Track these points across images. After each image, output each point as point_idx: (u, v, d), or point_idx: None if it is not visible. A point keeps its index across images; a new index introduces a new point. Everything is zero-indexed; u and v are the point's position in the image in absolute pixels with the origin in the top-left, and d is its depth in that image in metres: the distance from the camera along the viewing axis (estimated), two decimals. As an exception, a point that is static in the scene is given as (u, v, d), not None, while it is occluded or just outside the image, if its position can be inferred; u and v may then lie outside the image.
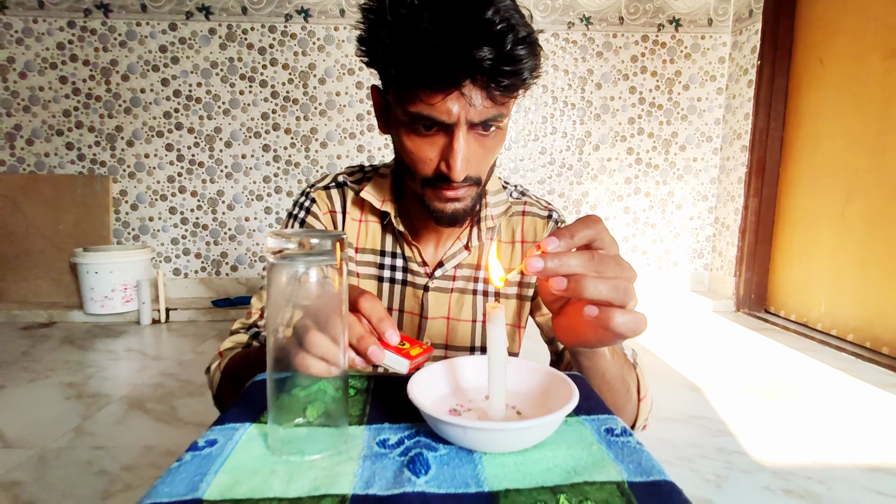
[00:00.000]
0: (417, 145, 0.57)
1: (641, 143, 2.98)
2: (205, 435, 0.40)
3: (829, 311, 2.35)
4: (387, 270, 0.71)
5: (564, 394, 0.41)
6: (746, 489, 1.17)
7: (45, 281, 2.79)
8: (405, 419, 0.43)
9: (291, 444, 0.39)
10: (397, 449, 0.39)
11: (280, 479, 0.35)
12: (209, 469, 0.35)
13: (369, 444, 0.40)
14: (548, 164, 2.98)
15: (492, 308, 0.40)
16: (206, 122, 2.83)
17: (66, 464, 1.25)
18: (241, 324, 0.70)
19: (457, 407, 0.44)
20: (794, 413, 1.56)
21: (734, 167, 2.86)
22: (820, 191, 2.42)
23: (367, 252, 0.71)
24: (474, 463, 0.37)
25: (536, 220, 0.74)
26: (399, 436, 0.41)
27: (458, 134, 0.53)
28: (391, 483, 0.34)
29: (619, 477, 0.35)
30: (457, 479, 0.35)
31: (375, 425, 0.43)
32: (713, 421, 1.51)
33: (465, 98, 0.51)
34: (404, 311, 0.72)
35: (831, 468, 1.26)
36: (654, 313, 2.77)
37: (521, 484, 0.34)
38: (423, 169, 0.58)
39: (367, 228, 0.71)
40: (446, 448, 0.39)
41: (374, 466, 0.36)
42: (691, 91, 2.95)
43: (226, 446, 0.38)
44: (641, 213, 3.04)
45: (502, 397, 0.41)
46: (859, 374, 1.88)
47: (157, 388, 1.72)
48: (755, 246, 2.76)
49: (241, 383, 0.54)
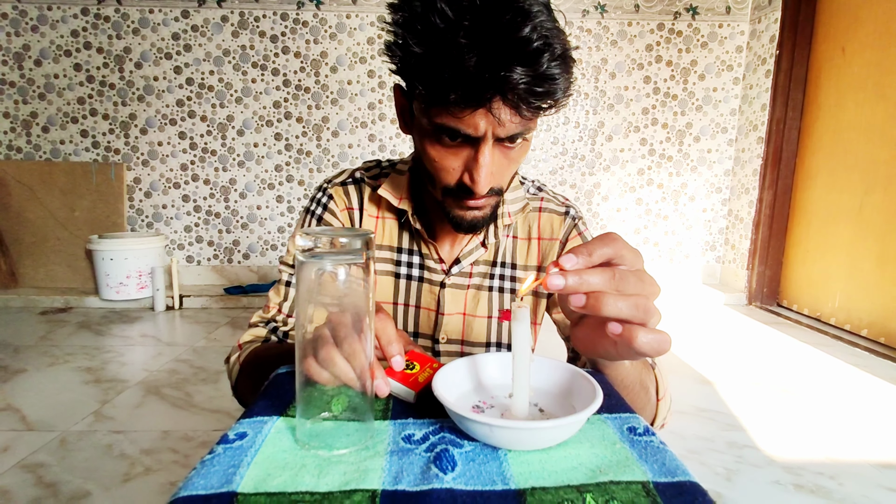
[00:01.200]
0: (441, 155, 0.55)
1: (655, 133, 2.95)
2: (234, 427, 0.41)
3: (843, 305, 2.33)
4: (403, 267, 0.71)
5: (587, 392, 0.42)
6: (757, 483, 1.17)
7: (62, 267, 2.83)
8: (429, 414, 0.44)
9: (319, 438, 0.39)
10: (423, 445, 0.39)
11: (310, 473, 0.35)
12: (241, 462, 0.36)
13: (395, 439, 0.40)
14: (560, 154, 2.95)
15: (517, 307, 0.40)
16: (218, 111, 2.84)
17: (88, 447, 1.29)
18: (260, 317, 0.71)
19: (479, 404, 0.45)
20: (806, 408, 1.56)
21: (749, 159, 2.82)
22: (837, 184, 2.39)
23: (384, 249, 0.71)
24: (499, 460, 0.37)
25: (553, 216, 0.73)
26: (424, 431, 0.41)
27: (484, 148, 0.52)
28: (419, 479, 0.35)
29: (645, 477, 0.35)
30: (483, 477, 0.35)
31: (400, 420, 0.43)
32: (724, 415, 1.51)
33: (493, 115, 0.49)
34: (421, 308, 0.72)
35: (843, 464, 1.25)
36: (665, 306, 2.76)
37: (547, 482, 0.35)
38: (446, 178, 0.57)
39: (384, 225, 0.71)
40: (471, 445, 0.39)
41: (401, 462, 0.37)
42: (707, 81, 2.90)
43: (256, 439, 0.39)
44: (654, 205, 3.02)
45: (526, 395, 0.41)
46: (873, 370, 1.86)
47: (173, 374, 1.75)
48: (769, 239, 2.73)
49: (260, 377, 0.55)
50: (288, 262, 0.70)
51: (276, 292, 0.71)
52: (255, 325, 0.70)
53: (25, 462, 1.22)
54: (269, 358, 0.62)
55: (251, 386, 0.62)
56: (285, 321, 0.70)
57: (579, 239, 0.74)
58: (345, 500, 0.32)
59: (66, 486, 1.13)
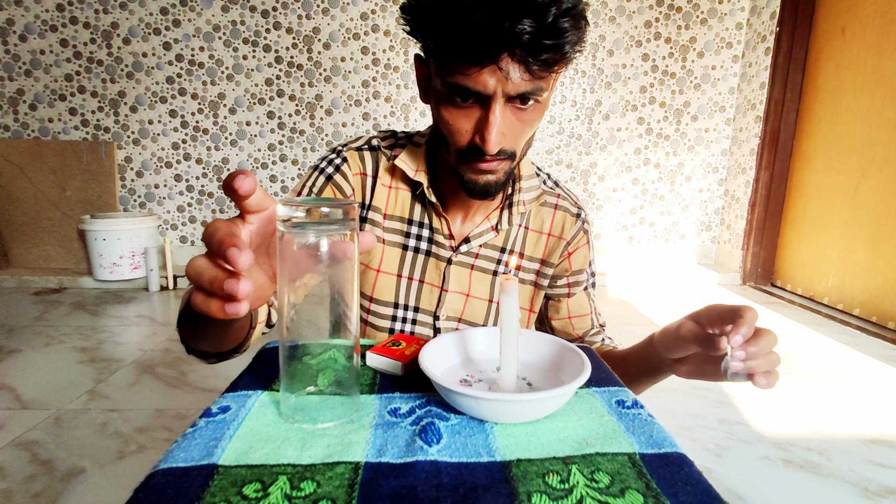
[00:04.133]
0: (454, 116, 0.55)
1: (653, 112, 2.92)
2: (218, 401, 0.41)
3: (836, 285, 2.34)
4: (412, 239, 0.70)
5: (576, 366, 0.41)
6: (746, 459, 1.19)
7: (54, 247, 2.81)
8: (416, 388, 0.44)
9: (304, 412, 0.39)
10: (409, 418, 0.39)
11: (293, 446, 0.35)
12: (223, 435, 0.36)
13: (381, 412, 0.40)
14: (556, 133, 2.92)
15: (505, 279, 0.39)
16: (209, 88, 2.79)
17: (82, 425, 1.29)
18: None
19: (467, 377, 0.44)
20: (797, 385, 1.58)
21: (747, 139, 2.80)
22: (834, 165, 2.38)
23: (394, 219, 0.70)
24: (486, 433, 0.37)
25: (567, 216, 0.73)
26: (410, 405, 0.41)
27: (494, 107, 0.52)
28: (404, 451, 0.34)
29: (631, 448, 0.35)
30: (469, 449, 0.35)
31: (387, 394, 0.43)
32: (715, 392, 1.53)
33: (502, 71, 0.49)
34: (424, 282, 0.71)
35: (832, 439, 1.27)
36: (659, 286, 2.77)
37: (532, 454, 0.34)
38: (458, 140, 0.56)
39: (396, 195, 0.70)
40: (458, 418, 0.39)
41: (386, 435, 0.37)
42: (706, 59, 2.86)
43: (239, 413, 0.39)
44: (650, 185, 3.01)
45: (514, 369, 0.41)
46: (863, 348, 1.88)
47: (167, 354, 1.75)
48: (764, 220, 2.73)
49: (202, 321, 0.48)
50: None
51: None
52: None
53: (20, 440, 1.22)
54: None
55: (191, 327, 0.50)
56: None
57: (585, 242, 0.75)
58: (327, 471, 0.32)
59: (60, 464, 1.13)
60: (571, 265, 0.74)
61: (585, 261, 0.76)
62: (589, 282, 0.77)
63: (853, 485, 1.11)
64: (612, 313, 2.31)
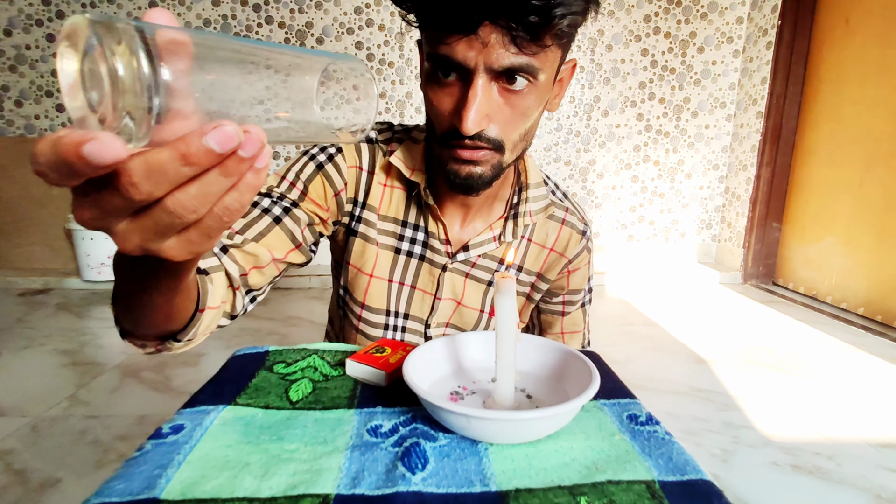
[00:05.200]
0: (436, 95, 0.50)
1: (652, 108, 2.87)
2: (173, 419, 0.35)
3: (840, 283, 2.30)
4: (406, 243, 0.65)
5: (582, 376, 0.36)
6: (754, 465, 1.14)
7: (41, 247, 2.74)
8: (401, 402, 0.39)
9: (272, 430, 0.34)
10: (391, 438, 0.34)
11: (253, 474, 0.30)
12: (171, 461, 0.30)
13: (359, 431, 0.35)
14: (554, 130, 2.88)
15: (502, 277, 0.34)
16: (199, 84, 2.72)
17: (60, 433, 1.23)
18: None
19: (459, 389, 0.39)
20: (803, 387, 1.53)
21: (748, 134, 2.76)
22: (838, 159, 2.33)
23: (388, 220, 0.64)
24: (479, 456, 0.32)
25: (573, 233, 0.68)
26: (393, 422, 0.36)
27: (476, 81, 0.46)
28: (382, 480, 0.29)
29: (648, 475, 0.30)
30: (459, 476, 0.30)
31: (367, 409, 0.38)
32: (720, 394, 1.48)
33: (481, 40, 0.44)
34: (416, 288, 0.66)
35: (841, 444, 1.22)
36: (659, 285, 2.72)
37: (533, 482, 0.29)
38: (440, 124, 0.51)
39: (391, 195, 0.64)
40: (447, 437, 0.34)
41: (363, 459, 0.31)
42: (706, 54, 2.81)
43: (193, 433, 0.33)
44: (650, 182, 2.96)
45: (511, 380, 0.35)
46: (869, 348, 1.84)
47: (152, 357, 1.69)
48: (766, 217, 2.69)
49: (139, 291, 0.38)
50: (261, 191, 0.60)
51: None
52: None
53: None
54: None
55: (123, 293, 0.37)
56: (231, 235, 0.55)
57: (586, 262, 0.70)
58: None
59: (35, 474, 1.08)
60: (569, 284, 0.70)
61: (584, 280, 0.71)
62: (585, 298, 0.73)
63: (866, 491, 1.06)
64: (611, 313, 2.26)
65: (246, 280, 0.54)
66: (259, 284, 0.56)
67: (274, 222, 0.57)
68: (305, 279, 2.66)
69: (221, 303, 0.48)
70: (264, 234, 0.56)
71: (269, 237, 0.56)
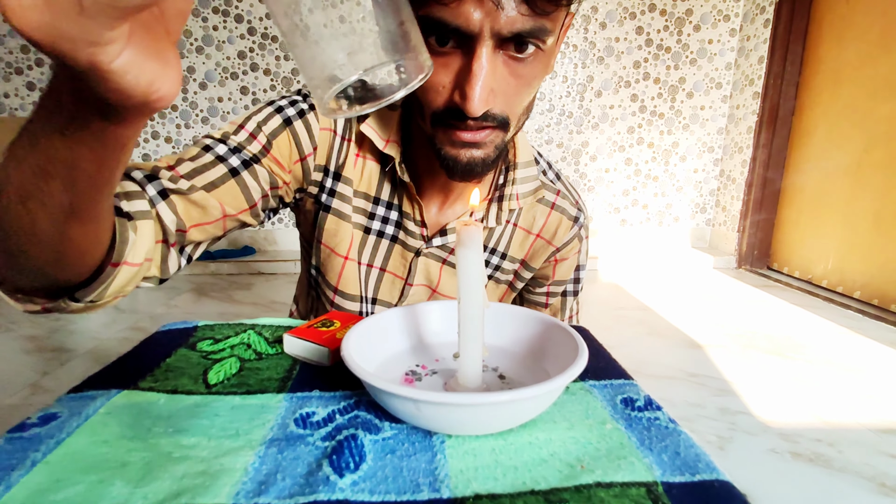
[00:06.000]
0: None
1: (647, 89, 2.79)
2: (47, 407, 0.28)
3: (836, 267, 2.25)
4: (377, 222, 0.57)
5: (566, 351, 0.29)
6: (752, 452, 1.09)
7: (14, 232, 2.63)
8: (345, 385, 0.31)
9: (173, 420, 0.27)
10: (323, 429, 0.27)
11: (128, 478, 0.22)
12: (23, 461, 0.23)
13: (283, 421, 0.27)
14: (546, 111, 2.79)
15: (464, 225, 0.27)
16: (177, 61, 2.60)
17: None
18: (135, 165, 0.46)
19: (417, 369, 0.32)
20: (800, 372, 1.48)
21: (744, 116, 2.69)
22: (835, 141, 2.27)
23: (359, 196, 0.56)
24: (432, 451, 0.25)
25: (563, 218, 0.60)
26: (330, 409, 0.28)
27: (480, 51, 0.38)
28: (299, 485, 0.22)
29: (649, 475, 0.23)
30: (402, 479, 0.23)
31: (301, 394, 0.30)
32: (715, 379, 1.43)
33: (490, 1, 0.36)
34: (386, 271, 0.58)
35: (841, 429, 1.17)
36: (652, 270, 2.67)
37: (500, 485, 0.22)
38: (434, 100, 0.43)
39: (363, 167, 0.56)
40: (394, 429, 0.27)
41: (280, 457, 0.24)
42: (702, 32, 2.73)
43: (66, 425, 0.26)
44: (643, 165, 2.89)
45: (477, 355, 0.28)
46: (867, 332, 1.79)
47: (125, 343, 1.61)
48: (761, 200, 2.63)
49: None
50: (216, 137, 0.51)
51: (183, 151, 0.50)
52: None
53: (-56, 440, 1.08)
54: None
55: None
56: (174, 178, 0.45)
57: (576, 251, 0.62)
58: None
59: (-14, 467, 1.00)
60: (554, 274, 0.62)
61: (570, 271, 0.63)
62: (570, 288, 0.65)
63: (868, 479, 1.01)
64: (604, 298, 2.20)
65: (184, 236, 0.45)
66: (198, 242, 0.47)
67: (230, 174, 0.48)
68: (290, 264, 2.58)
69: (145, 260, 0.39)
70: (217, 185, 0.47)
71: (223, 190, 0.47)
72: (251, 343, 0.36)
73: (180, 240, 0.45)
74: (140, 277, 0.40)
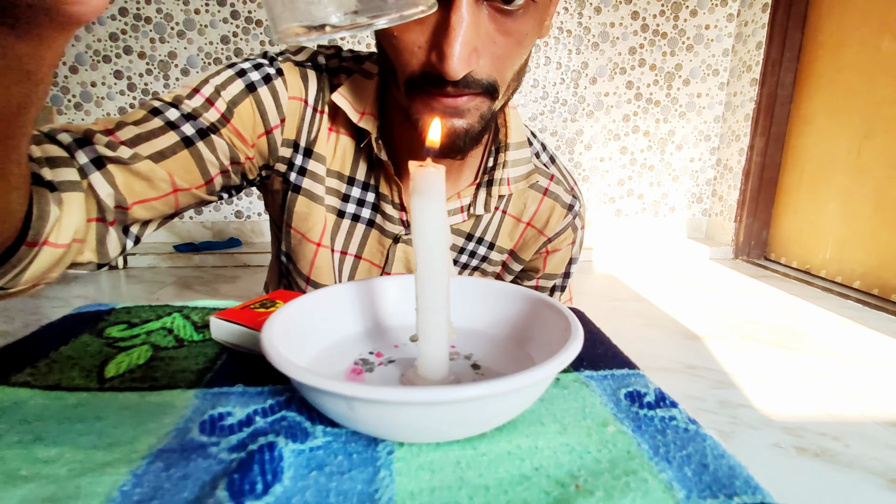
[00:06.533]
0: (402, 27, 0.36)
1: (642, 76, 2.72)
2: None
3: (835, 256, 2.21)
4: (351, 204, 0.50)
5: (556, 333, 0.23)
6: (755, 447, 1.03)
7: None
8: (277, 379, 0.25)
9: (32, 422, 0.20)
10: (235, 435, 0.20)
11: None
12: None
13: (187, 424, 0.21)
14: (540, 98, 2.72)
15: (419, 167, 0.20)
16: (158, 46, 2.52)
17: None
18: (63, 127, 0.39)
19: (368, 357, 0.25)
20: (802, 363, 1.43)
21: (741, 103, 2.63)
22: (835, 128, 2.22)
23: (332, 176, 0.49)
24: (374, 466, 0.18)
25: (557, 206, 0.54)
26: (250, 409, 0.22)
27: (460, 2, 0.33)
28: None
29: (668, 497, 0.17)
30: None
31: (218, 389, 0.24)
32: (714, 371, 1.37)
33: None
34: (362, 259, 0.51)
35: (847, 423, 1.12)
36: (648, 260, 2.62)
37: (461, 516, 0.16)
38: (408, 63, 0.37)
39: (337, 143, 0.49)
40: (327, 435, 0.20)
41: (163, 476, 0.18)
42: (699, 17, 2.67)
43: None
44: (639, 154, 2.83)
45: (442, 338, 0.22)
46: (868, 323, 1.75)
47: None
48: (759, 189, 2.58)
49: None
50: (166, 100, 0.43)
51: (125, 115, 0.42)
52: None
53: None
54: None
55: None
56: (112, 144, 0.38)
57: (570, 241, 0.56)
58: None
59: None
60: (545, 267, 0.56)
61: (562, 264, 0.57)
62: (560, 283, 0.59)
63: (878, 475, 0.96)
64: (599, 289, 2.15)
65: (126, 214, 0.38)
66: (145, 220, 0.40)
67: (183, 143, 0.41)
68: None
69: (74, 241, 0.33)
70: (166, 154, 0.40)
71: (173, 161, 0.40)
72: (174, 328, 0.30)
73: (121, 217, 0.38)
74: (68, 261, 0.33)
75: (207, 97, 0.43)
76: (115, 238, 0.38)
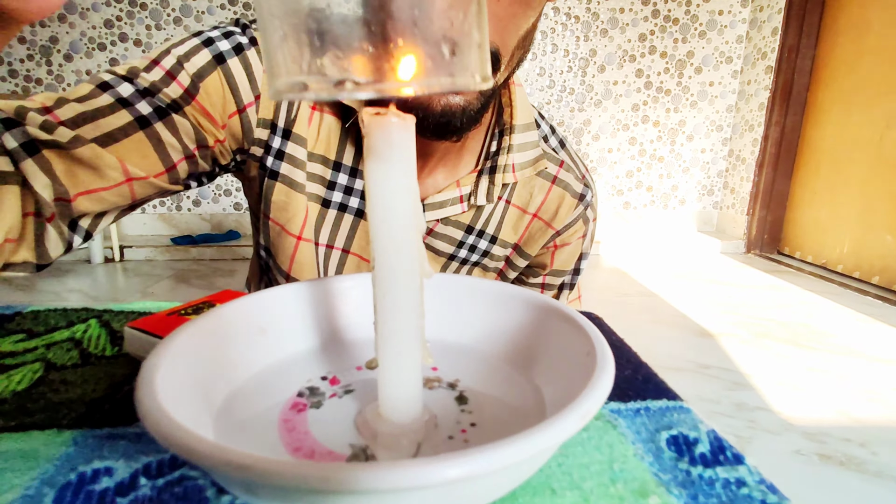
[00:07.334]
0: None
1: (653, 63, 2.63)
2: None
3: (852, 251, 2.12)
4: (338, 193, 0.44)
5: (572, 357, 0.16)
6: (775, 454, 0.97)
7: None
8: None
9: None
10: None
11: None
12: None
13: (40, 489, 0.15)
14: (546, 87, 2.64)
15: (376, 116, 0.14)
16: (154, 34, 2.45)
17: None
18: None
19: (319, 384, 0.19)
20: (821, 363, 1.36)
21: (755, 92, 2.54)
22: (854, 117, 2.13)
23: (315, 160, 0.43)
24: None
25: (567, 196, 0.48)
26: (140, 463, 0.16)
27: None
28: None
29: None
30: None
31: (111, 429, 0.18)
32: (729, 372, 1.30)
33: None
34: (350, 253, 0.45)
35: (872, 427, 1.05)
36: (657, 254, 2.54)
37: None
38: None
39: (320, 123, 0.43)
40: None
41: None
42: (712, 3, 2.57)
43: None
44: (649, 145, 2.74)
45: (412, 363, 0.15)
46: (888, 320, 1.67)
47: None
48: (773, 181, 2.49)
49: None
50: (119, 73, 0.36)
51: (70, 90, 0.36)
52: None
53: None
54: None
55: None
56: (49, 125, 0.32)
57: (581, 235, 0.50)
58: None
59: None
60: (553, 263, 0.50)
61: (572, 260, 0.51)
62: (569, 281, 0.53)
63: (909, 487, 0.89)
64: (607, 283, 2.08)
65: (69, 207, 0.32)
66: (95, 213, 0.34)
67: (137, 124, 0.34)
68: (275, 249, 2.46)
69: (6, 241, 0.28)
70: (116, 137, 0.34)
71: (125, 145, 0.34)
72: (84, 339, 0.23)
73: (64, 211, 0.32)
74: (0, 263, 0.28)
75: (168, 70, 0.36)
76: (55, 236, 0.32)
